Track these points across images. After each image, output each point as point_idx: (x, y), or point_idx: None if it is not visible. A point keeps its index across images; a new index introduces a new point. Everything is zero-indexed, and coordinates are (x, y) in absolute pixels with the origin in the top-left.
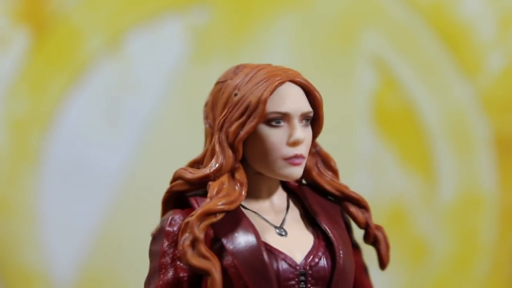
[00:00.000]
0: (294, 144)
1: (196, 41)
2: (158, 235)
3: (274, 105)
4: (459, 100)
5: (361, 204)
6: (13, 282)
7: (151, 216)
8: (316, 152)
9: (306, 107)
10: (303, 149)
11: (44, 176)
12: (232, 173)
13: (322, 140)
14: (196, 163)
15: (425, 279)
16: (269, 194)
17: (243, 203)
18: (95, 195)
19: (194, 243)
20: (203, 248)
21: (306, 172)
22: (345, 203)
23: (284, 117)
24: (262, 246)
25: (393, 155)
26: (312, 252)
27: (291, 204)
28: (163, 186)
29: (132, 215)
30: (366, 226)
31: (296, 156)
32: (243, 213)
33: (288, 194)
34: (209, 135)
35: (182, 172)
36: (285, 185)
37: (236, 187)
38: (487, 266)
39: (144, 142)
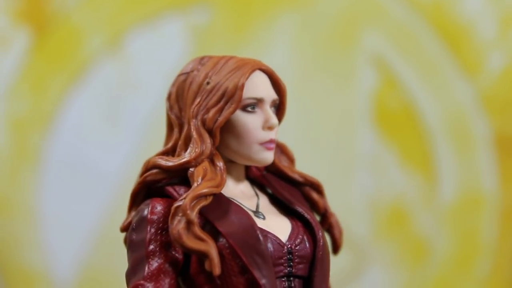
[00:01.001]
0: (270, 128)
1: (197, 40)
2: (138, 225)
3: (249, 91)
4: (459, 99)
5: (320, 189)
6: (14, 281)
7: None
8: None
9: (275, 94)
10: (275, 134)
11: (44, 176)
12: (211, 159)
13: (323, 140)
14: (167, 153)
15: (426, 278)
16: (238, 181)
17: None
18: (96, 194)
19: (188, 225)
20: (198, 230)
21: None
22: (306, 189)
23: (258, 102)
24: (256, 226)
25: (393, 154)
26: (294, 232)
27: (257, 191)
28: None
29: None
30: (324, 212)
31: (271, 141)
32: (226, 198)
33: (251, 183)
34: (177, 125)
35: (158, 160)
36: (247, 175)
37: (218, 172)
38: (487, 265)
39: (144, 142)
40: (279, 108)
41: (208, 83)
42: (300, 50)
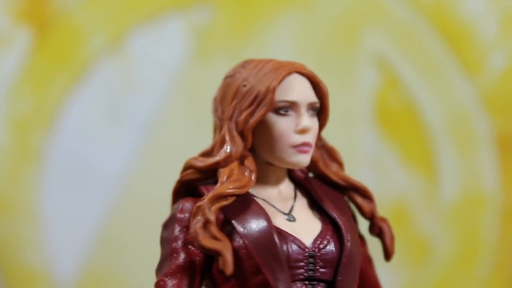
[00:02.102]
0: (302, 131)
1: (198, 40)
2: (169, 223)
3: (282, 94)
4: (461, 99)
5: (366, 194)
6: (15, 281)
7: (153, 216)
8: (322, 145)
9: (313, 98)
10: (310, 138)
11: (46, 176)
12: (241, 160)
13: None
14: (206, 154)
15: (428, 278)
16: (277, 183)
17: (252, 192)
18: (97, 194)
19: (205, 225)
20: (214, 230)
21: (313, 164)
22: (350, 193)
23: (292, 105)
24: (273, 228)
25: (395, 154)
26: (320, 235)
27: (298, 193)
28: (166, 185)
29: (134, 214)
30: (371, 217)
31: (304, 144)
32: (253, 199)
33: (295, 185)
34: (218, 127)
35: (193, 161)
36: (292, 177)
37: (246, 173)
38: (489, 265)
39: (146, 141)
40: (322, 111)
41: (244, 85)
42: (301, 50)
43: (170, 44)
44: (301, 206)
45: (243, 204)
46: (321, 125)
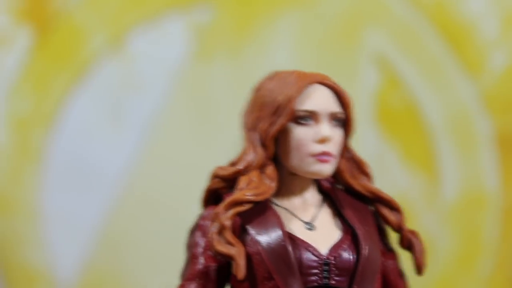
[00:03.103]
0: (322, 141)
1: (199, 39)
2: (192, 229)
3: (303, 104)
4: (462, 98)
5: (393, 206)
6: (15, 281)
7: (155, 215)
8: (350, 157)
9: (335, 108)
10: (332, 147)
11: (47, 175)
12: (262, 169)
13: None
14: (232, 164)
15: (428, 277)
16: (302, 193)
17: (276, 201)
18: (98, 193)
19: (221, 230)
20: (229, 235)
21: (339, 175)
22: (376, 205)
23: (312, 115)
24: (286, 235)
25: (395, 153)
26: (338, 244)
27: (325, 203)
28: (167, 184)
29: (136, 214)
30: (399, 229)
31: (324, 153)
32: (271, 207)
33: (323, 195)
34: (244, 138)
35: (218, 170)
36: (320, 187)
37: (266, 181)
38: (490, 264)
39: (147, 141)
40: (346, 122)
41: (268, 96)
42: (302, 49)
43: (171, 44)
44: (326, 216)
45: (261, 211)
46: (347, 136)
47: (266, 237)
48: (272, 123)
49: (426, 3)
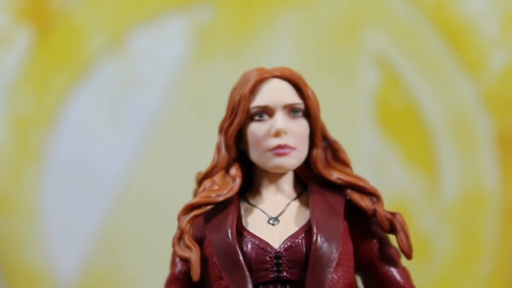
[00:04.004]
0: (276, 134)
1: (199, 39)
2: (175, 235)
3: (255, 101)
4: (462, 98)
5: (366, 191)
6: (16, 280)
7: (154, 216)
8: (327, 145)
9: (290, 99)
10: (290, 140)
11: (46, 175)
12: (227, 170)
13: None
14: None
15: (428, 276)
16: (276, 188)
17: (249, 199)
18: (98, 193)
19: (181, 235)
20: (187, 240)
21: (313, 165)
22: (348, 191)
23: (266, 110)
24: (233, 233)
25: (396, 153)
26: (293, 236)
27: (301, 196)
28: (166, 184)
29: (135, 213)
30: (373, 213)
31: (280, 146)
32: (235, 205)
33: (302, 188)
34: None
35: (196, 175)
36: (300, 180)
37: (229, 181)
38: (490, 264)
39: (147, 140)
40: (308, 113)
41: (231, 97)
42: (302, 49)
43: (171, 43)
44: (295, 209)
45: (221, 211)
46: (313, 126)
47: (216, 237)
48: (231, 123)
49: (426, 3)
